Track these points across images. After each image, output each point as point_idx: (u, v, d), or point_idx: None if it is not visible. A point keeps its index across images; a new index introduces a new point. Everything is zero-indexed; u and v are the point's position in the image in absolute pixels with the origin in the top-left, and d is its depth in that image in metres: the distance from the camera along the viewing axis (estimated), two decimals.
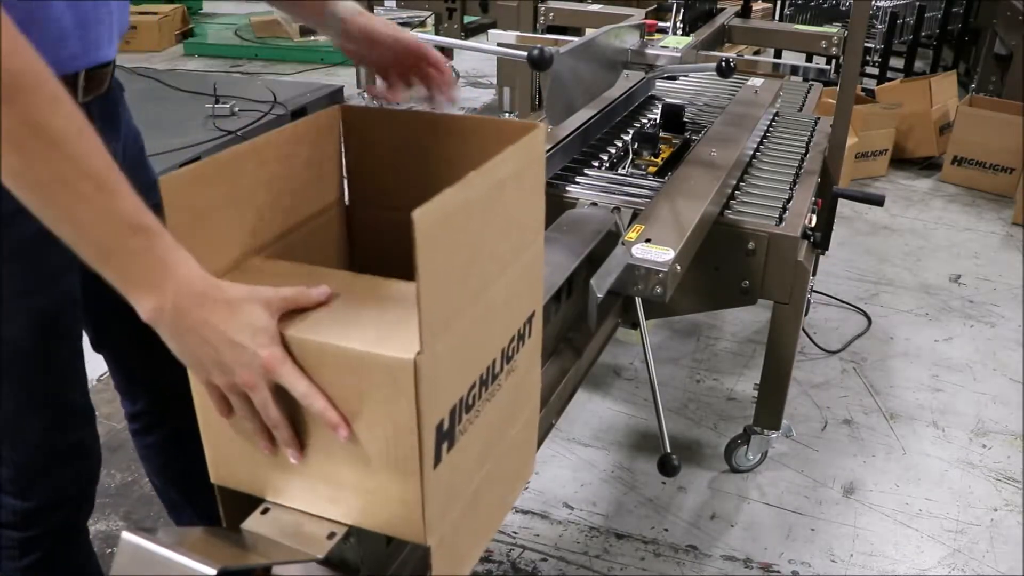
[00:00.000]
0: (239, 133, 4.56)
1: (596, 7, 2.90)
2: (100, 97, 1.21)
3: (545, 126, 0.99)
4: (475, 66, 6.30)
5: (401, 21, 6.71)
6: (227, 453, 0.92)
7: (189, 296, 0.79)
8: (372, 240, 1.12)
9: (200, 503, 1.75)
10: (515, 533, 2.09)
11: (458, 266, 0.81)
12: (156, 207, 0.81)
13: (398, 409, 0.79)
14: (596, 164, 2.20)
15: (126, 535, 0.78)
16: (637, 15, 2.41)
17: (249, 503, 0.92)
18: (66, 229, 0.77)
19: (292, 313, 0.84)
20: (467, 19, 4.60)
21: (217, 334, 0.79)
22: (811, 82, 3.14)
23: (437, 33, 5.44)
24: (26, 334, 1.19)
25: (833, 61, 2.60)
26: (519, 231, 0.94)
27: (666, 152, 2.28)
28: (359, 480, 0.85)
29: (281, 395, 0.83)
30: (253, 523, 0.89)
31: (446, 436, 0.85)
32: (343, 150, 1.09)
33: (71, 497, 1.34)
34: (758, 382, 2.15)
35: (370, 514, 0.87)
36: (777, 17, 5.80)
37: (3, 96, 0.71)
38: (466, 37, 4.53)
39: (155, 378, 1.54)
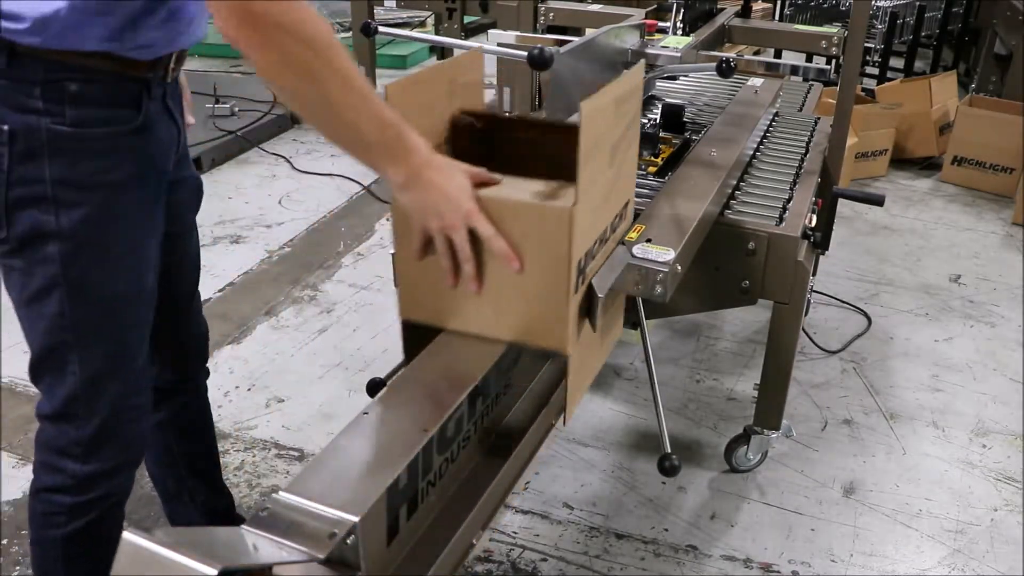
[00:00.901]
0: (239, 133, 4.56)
1: (596, 7, 2.90)
2: (175, 78, 1.39)
3: (643, 63, 1.36)
4: None
5: (401, 21, 6.72)
6: (416, 293, 1.27)
7: (422, 165, 1.13)
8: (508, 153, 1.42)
9: (193, 488, 1.81)
10: (515, 533, 2.09)
11: (600, 145, 1.16)
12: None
13: (556, 247, 1.14)
14: None
15: (126, 535, 0.78)
16: (637, 15, 2.41)
17: (425, 338, 1.25)
18: (347, 134, 1.11)
19: (477, 185, 1.17)
20: (467, 19, 4.60)
21: (438, 190, 1.13)
22: (811, 82, 3.14)
23: (437, 33, 5.44)
24: (128, 290, 1.34)
25: (833, 61, 2.60)
26: (629, 132, 1.31)
27: (666, 152, 2.28)
28: (520, 305, 1.20)
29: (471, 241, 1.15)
30: (254, 523, 0.89)
31: (580, 273, 1.21)
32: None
33: (131, 461, 1.45)
34: (758, 382, 2.15)
35: (525, 331, 1.22)
36: (777, 17, 5.79)
37: (323, 49, 1.03)
38: (466, 37, 4.53)
39: (176, 352, 1.66)
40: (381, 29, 1.93)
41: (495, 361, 1.25)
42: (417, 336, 1.27)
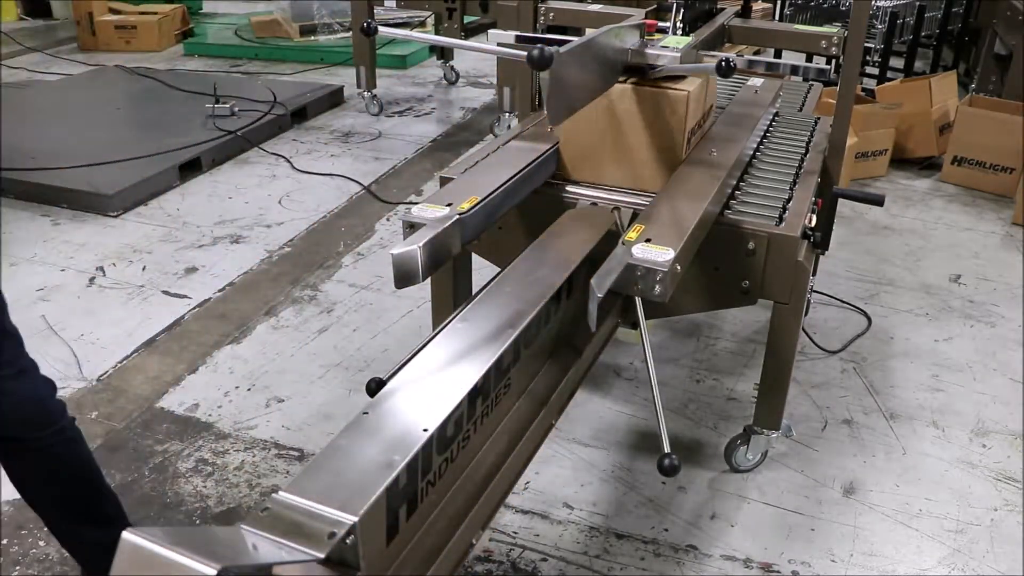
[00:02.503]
0: (239, 133, 4.56)
1: (596, 7, 2.90)
2: None
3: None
4: (475, 66, 6.30)
5: (401, 21, 6.71)
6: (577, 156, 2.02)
7: None
8: None
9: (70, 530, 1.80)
10: (515, 533, 2.09)
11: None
12: None
13: (676, 121, 1.90)
14: None
15: (126, 535, 0.79)
16: (637, 15, 2.41)
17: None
18: None
19: None
20: (467, 19, 4.60)
21: None
22: (811, 82, 3.14)
23: (437, 33, 5.44)
24: None
25: (833, 61, 2.59)
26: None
27: None
28: (646, 166, 1.97)
29: None
30: (253, 523, 0.89)
31: (687, 142, 1.91)
32: None
33: None
34: (758, 382, 2.15)
35: (647, 182, 1.99)
36: (777, 17, 5.79)
37: None
38: (466, 37, 4.53)
39: None
40: (381, 29, 1.93)
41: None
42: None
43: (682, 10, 2.34)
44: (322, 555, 0.86)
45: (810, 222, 2.02)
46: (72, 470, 1.77)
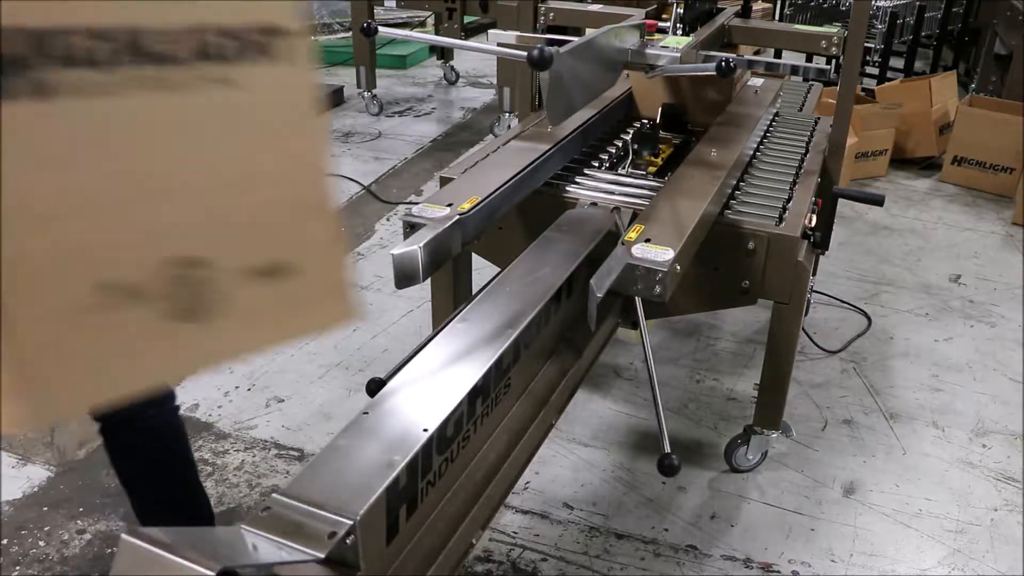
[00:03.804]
0: None
1: (596, 7, 2.90)
2: None
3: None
4: (475, 66, 6.30)
5: (401, 21, 6.71)
6: None
7: None
8: None
9: (135, 496, 1.77)
10: (515, 533, 2.09)
11: None
12: None
13: None
14: (596, 164, 2.20)
15: (126, 536, 0.78)
16: (637, 15, 2.41)
17: None
18: None
19: None
20: (467, 19, 4.60)
21: None
22: (811, 82, 3.14)
23: (437, 33, 5.44)
24: None
25: (833, 61, 2.59)
26: None
27: (666, 152, 2.28)
28: None
29: None
30: (253, 523, 0.89)
31: None
32: None
33: None
34: (758, 382, 2.15)
35: None
36: (777, 17, 5.79)
37: None
38: (466, 37, 4.53)
39: None
40: (381, 29, 1.93)
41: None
42: None
43: (682, 10, 2.34)
44: (322, 555, 0.86)
45: (810, 222, 2.02)
46: (175, 454, 1.77)
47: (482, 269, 2.15)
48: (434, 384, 1.23)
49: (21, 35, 0.60)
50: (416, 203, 1.85)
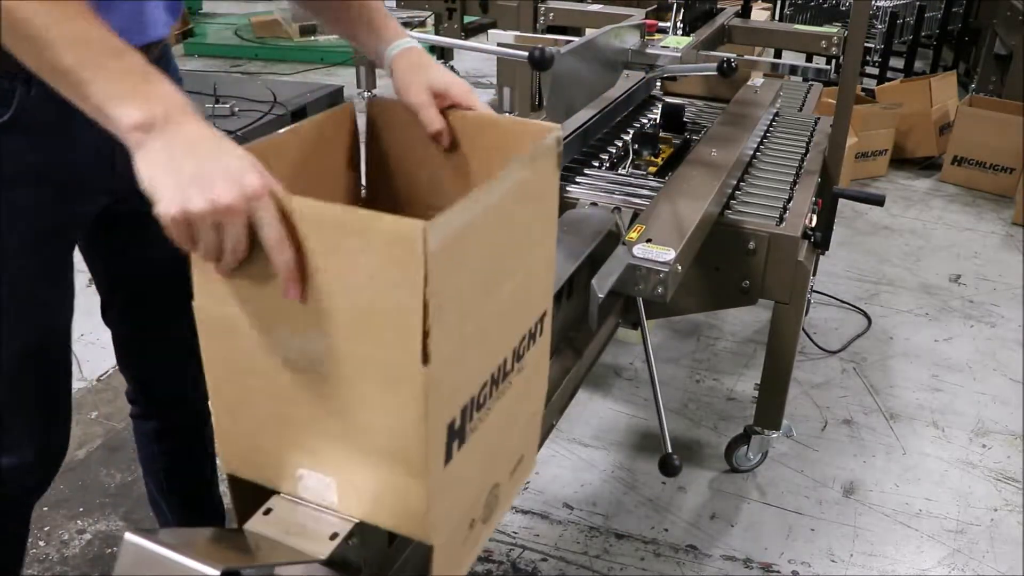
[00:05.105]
0: (239, 133, 4.56)
1: (596, 7, 2.90)
2: None
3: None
4: (475, 66, 6.30)
5: (401, 21, 6.70)
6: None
7: (178, 107, 0.78)
8: None
9: (172, 503, 1.74)
10: (515, 533, 2.09)
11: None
12: None
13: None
14: (596, 164, 2.20)
15: (128, 536, 0.78)
16: (637, 15, 2.41)
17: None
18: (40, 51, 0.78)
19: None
20: (467, 19, 4.60)
21: (206, 146, 0.77)
22: (811, 82, 3.15)
23: (437, 33, 5.43)
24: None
25: (833, 61, 2.60)
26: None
27: (666, 152, 2.28)
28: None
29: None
30: (256, 524, 0.89)
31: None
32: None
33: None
34: (758, 382, 2.15)
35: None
36: (777, 17, 5.79)
37: None
38: (466, 37, 4.53)
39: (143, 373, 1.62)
40: None
41: None
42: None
43: (682, 10, 2.34)
44: (324, 556, 0.86)
45: (810, 222, 2.02)
46: (208, 439, 1.69)
47: None
48: None
49: None
50: None
